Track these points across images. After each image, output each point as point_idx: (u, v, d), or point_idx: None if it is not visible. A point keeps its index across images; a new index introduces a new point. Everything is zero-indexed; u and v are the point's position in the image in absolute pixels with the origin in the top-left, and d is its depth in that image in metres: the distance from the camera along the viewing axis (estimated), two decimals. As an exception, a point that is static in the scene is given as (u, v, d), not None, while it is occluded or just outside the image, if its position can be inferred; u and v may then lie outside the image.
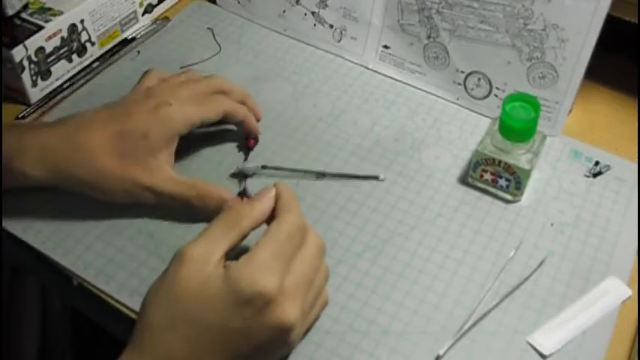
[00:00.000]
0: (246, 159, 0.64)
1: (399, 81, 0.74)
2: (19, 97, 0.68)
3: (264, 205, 0.49)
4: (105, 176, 0.55)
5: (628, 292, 0.56)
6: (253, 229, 0.48)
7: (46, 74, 0.69)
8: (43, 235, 0.58)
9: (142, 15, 0.78)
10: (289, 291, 0.45)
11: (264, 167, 0.62)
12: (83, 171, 0.55)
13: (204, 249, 0.45)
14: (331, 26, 0.76)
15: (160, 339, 0.44)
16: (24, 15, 0.67)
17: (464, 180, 0.64)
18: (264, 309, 0.44)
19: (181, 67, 0.73)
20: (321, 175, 0.58)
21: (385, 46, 0.74)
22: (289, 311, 0.44)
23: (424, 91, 0.73)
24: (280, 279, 0.44)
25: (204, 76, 0.64)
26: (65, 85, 0.71)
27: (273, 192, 0.49)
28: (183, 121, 0.58)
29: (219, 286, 0.44)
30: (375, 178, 0.61)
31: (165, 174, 0.57)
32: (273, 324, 0.44)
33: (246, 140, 0.65)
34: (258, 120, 0.66)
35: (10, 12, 0.66)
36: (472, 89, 0.70)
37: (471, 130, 0.69)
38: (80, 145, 0.55)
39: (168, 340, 0.44)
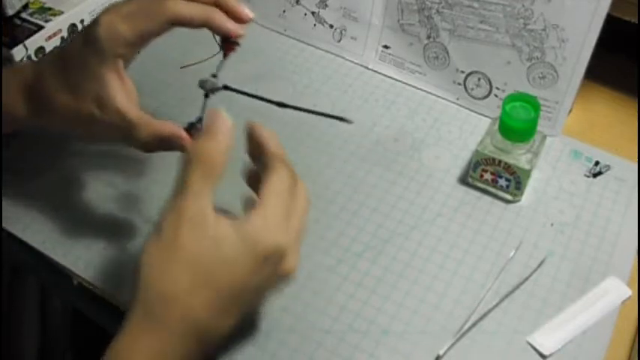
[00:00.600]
0: (216, 71, 0.53)
1: (399, 81, 0.74)
2: (19, 97, 0.68)
3: (229, 141, 0.46)
4: (65, 112, 0.53)
5: (628, 292, 0.56)
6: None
7: (46, 74, 0.69)
8: (43, 235, 0.58)
9: (142, 15, 0.78)
10: (293, 242, 0.46)
11: (225, 87, 0.53)
12: (48, 110, 0.54)
13: (196, 207, 0.44)
14: (331, 26, 0.76)
15: (176, 307, 0.43)
16: (24, 15, 0.67)
17: (464, 180, 0.64)
18: (278, 263, 0.45)
19: (181, 67, 0.73)
20: (282, 105, 0.50)
21: (385, 46, 0.74)
22: (295, 262, 0.46)
23: (424, 91, 0.73)
24: (290, 233, 0.45)
25: None
26: (65, 85, 0.71)
27: (228, 122, 0.47)
28: (114, 42, 0.51)
29: (238, 249, 0.43)
30: (343, 119, 0.51)
31: (115, 105, 0.51)
32: (282, 275, 0.46)
33: (222, 44, 0.54)
34: (242, 21, 0.54)
35: (10, 12, 0.66)
36: (472, 89, 0.70)
37: (471, 130, 0.69)
38: (40, 85, 0.53)
39: (187, 306, 0.43)
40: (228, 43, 0.53)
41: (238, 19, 0.53)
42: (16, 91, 0.54)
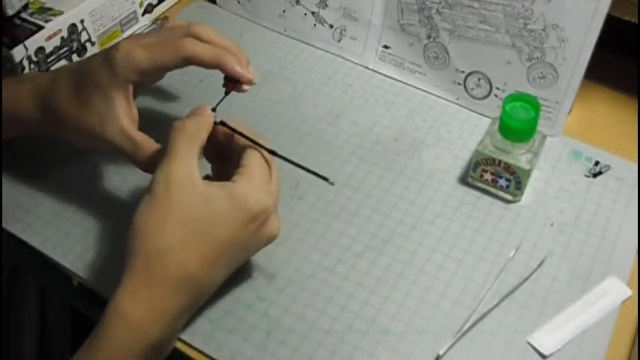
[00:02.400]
0: (217, 104, 0.54)
1: (399, 81, 0.74)
2: (19, 97, 0.68)
3: (210, 121, 0.52)
4: (70, 123, 0.56)
5: (628, 292, 0.56)
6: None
7: (46, 74, 0.69)
8: (43, 235, 0.58)
9: (142, 15, 0.78)
10: (274, 206, 0.51)
11: (222, 123, 0.54)
12: (56, 119, 0.57)
13: (184, 168, 0.48)
14: (331, 26, 0.76)
15: (171, 261, 0.47)
16: (24, 15, 0.67)
17: (464, 180, 0.64)
18: (264, 224, 0.50)
19: (181, 67, 0.73)
20: (272, 152, 0.53)
21: (385, 46, 0.74)
22: (277, 224, 0.51)
23: (424, 91, 0.73)
24: (272, 197, 0.51)
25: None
26: (65, 85, 0.71)
27: (208, 108, 0.53)
28: (129, 67, 0.54)
29: (226, 204, 0.48)
30: (326, 179, 0.54)
31: (118, 125, 0.55)
32: (268, 236, 0.51)
33: (225, 83, 0.57)
34: (251, 82, 0.57)
35: (10, 12, 0.66)
36: (472, 89, 0.70)
37: (471, 130, 0.69)
38: (53, 93, 0.56)
39: (181, 259, 0.47)
40: (230, 82, 0.56)
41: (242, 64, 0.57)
42: (29, 97, 0.57)
